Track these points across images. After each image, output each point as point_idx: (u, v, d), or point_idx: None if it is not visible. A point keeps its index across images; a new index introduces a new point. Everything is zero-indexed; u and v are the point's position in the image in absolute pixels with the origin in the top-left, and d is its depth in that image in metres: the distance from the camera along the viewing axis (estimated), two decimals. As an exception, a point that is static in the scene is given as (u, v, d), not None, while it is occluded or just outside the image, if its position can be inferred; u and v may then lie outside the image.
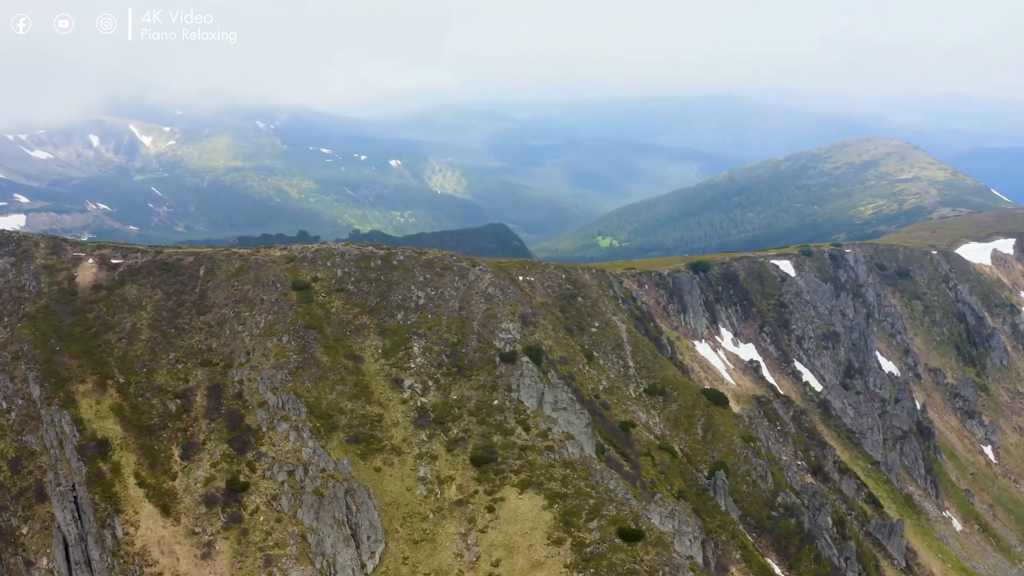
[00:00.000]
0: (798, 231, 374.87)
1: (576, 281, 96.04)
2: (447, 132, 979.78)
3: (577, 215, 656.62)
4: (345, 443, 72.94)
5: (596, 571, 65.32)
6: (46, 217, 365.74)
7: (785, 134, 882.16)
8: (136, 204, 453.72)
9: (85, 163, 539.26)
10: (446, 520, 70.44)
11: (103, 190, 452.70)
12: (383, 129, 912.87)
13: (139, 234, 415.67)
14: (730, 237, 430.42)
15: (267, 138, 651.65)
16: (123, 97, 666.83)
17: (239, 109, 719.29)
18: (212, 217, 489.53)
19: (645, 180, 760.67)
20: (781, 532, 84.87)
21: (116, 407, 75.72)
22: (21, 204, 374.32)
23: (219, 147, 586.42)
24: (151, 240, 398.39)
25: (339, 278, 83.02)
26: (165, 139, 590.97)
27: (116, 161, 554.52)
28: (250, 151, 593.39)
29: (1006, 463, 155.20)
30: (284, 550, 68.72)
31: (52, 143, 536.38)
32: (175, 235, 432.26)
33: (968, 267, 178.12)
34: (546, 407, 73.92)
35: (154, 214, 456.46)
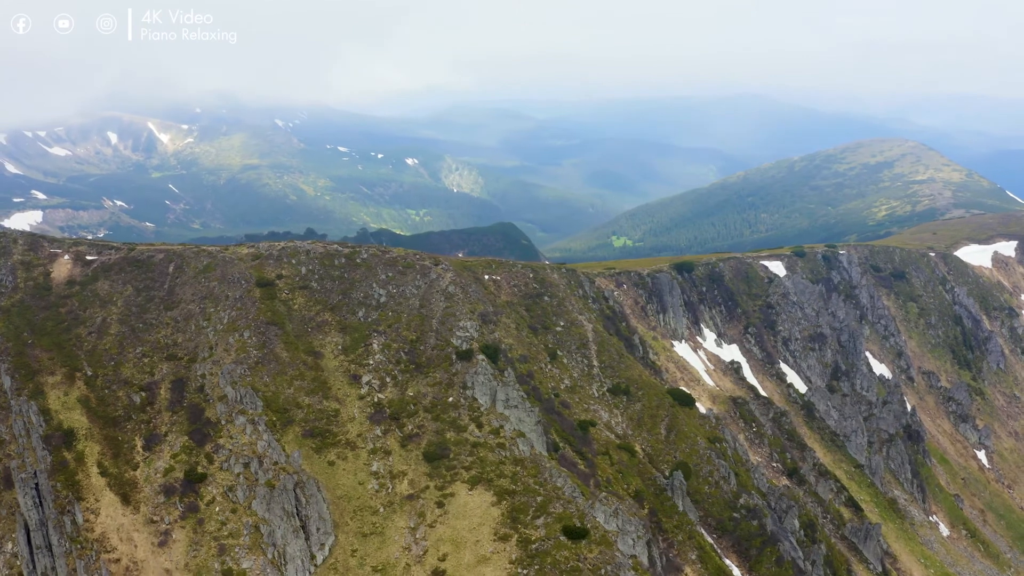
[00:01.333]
0: (810, 232, 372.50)
1: (544, 280, 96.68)
2: (465, 131, 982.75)
3: (593, 215, 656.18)
4: (301, 437, 74.27)
5: (540, 568, 66.13)
6: (63, 214, 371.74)
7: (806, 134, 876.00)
8: (153, 201, 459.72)
9: (103, 160, 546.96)
10: (396, 514, 71.52)
11: (120, 187, 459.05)
12: (401, 128, 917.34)
13: (155, 231, 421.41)
14: (743, 238, 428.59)
15: (284, 136, 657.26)
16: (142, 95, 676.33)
17: (258, 108, 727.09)
18: (228, 214, 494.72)
19: (663, 180, 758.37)
20: (742, 534, 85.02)
21: (83, 399, 77.59)
22: (38, 200, 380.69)
23: (236, 145, 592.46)
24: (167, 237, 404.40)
25: (303, 276, 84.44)
26: (183, 137, 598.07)
27: (134, 158, 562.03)
28: (267, 149, 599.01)
29: (999, 468, 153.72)
30: (238, 540, 70.16)
31: (71, 140, 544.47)
32: (191, 232, 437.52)
33: (967, 269, 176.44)
34: (499, 405, 74.81)
35: (171, 211, 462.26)
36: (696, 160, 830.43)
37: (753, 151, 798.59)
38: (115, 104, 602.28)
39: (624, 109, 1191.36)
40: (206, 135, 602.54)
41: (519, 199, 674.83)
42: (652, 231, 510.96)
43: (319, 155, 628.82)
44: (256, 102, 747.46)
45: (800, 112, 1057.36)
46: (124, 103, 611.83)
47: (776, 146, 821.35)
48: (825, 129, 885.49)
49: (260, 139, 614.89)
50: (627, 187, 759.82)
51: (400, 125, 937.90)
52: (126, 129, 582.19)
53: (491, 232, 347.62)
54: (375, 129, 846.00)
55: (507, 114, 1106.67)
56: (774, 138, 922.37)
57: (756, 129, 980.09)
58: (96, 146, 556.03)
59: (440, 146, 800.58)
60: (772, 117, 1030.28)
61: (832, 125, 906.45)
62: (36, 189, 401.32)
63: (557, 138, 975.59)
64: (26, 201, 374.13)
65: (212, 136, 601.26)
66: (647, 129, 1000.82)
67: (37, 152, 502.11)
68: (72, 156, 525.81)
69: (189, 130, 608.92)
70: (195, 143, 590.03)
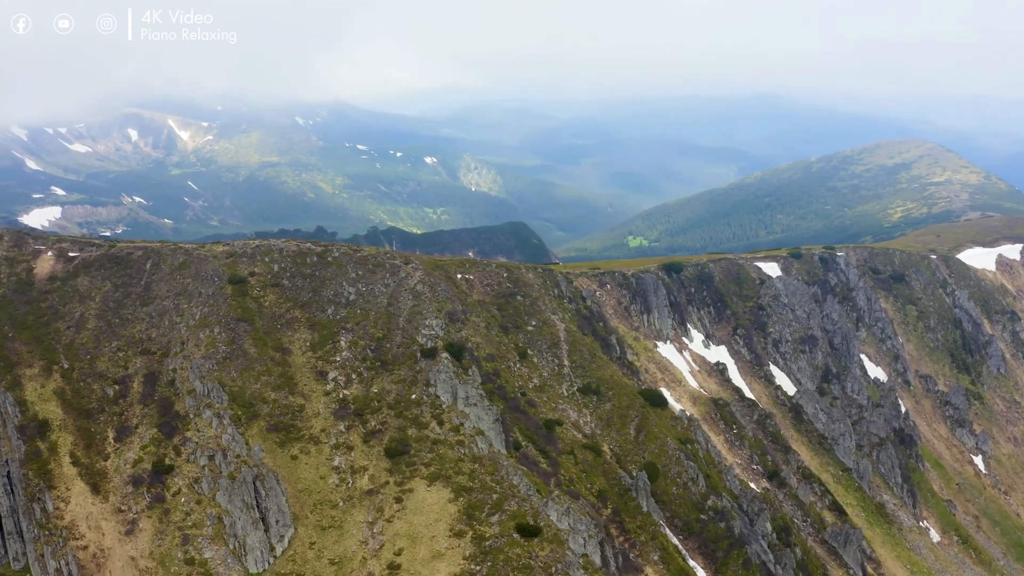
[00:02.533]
0: (825, 233, 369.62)
1: (517, 280, 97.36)
2: (486, 130, 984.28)
3: (612, 215, 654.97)
4: (265, 431, 75.71)
5: (493, 564, 67.07)
6: (81, 210, 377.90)
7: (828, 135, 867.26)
8: (171, 198, 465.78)
9: (123, 157, 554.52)
10: (355, 509, 72.73)
11: (139, 184, 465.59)
12: (422, 126, 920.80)
13: (173, 227, 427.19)
14: (758, 239, 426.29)
15: (303, 134, 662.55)
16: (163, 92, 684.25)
17: (278, 105, 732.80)
18: (246, 211, 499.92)
19: (683, 180, 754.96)
20: (709, 535, 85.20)
21: (59, 391, 79.63)
22: (57, 196, 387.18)
23: (255, 142, 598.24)
24: (184, 234, 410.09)
25: (275, 273, 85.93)
26: (202, 134, 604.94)
27: (154, 155, 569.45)
28: (286, 146, 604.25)
29: (997, 474, 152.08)
30: (201, 530, 71.81)
31: (91, 137, 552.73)
32: (208, 229, 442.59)
33: (969, 272, 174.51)
34: (459, 403, 75.76)
35: (189, 208, 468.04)
36: (717, 160, 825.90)
37: (775, 152, 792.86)
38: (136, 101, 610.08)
39: (646, 109, 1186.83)
40: (225, 132, 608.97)
41: (537, 198, 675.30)
42: (668, 231, 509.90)
43: (338, 153, 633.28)
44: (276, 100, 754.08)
45: (823, 113, 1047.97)
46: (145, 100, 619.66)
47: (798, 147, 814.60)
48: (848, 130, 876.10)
49: (279, 137, 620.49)
50: (646, 187, 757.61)
51: (420, 124, 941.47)
52: (146, 126, 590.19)
53: (502, 231, 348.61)
54: (395, 127, 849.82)
55: (528, 113, 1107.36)
56: (796, 139, 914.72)
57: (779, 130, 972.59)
58: (116, 143, 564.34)
59: (460, 145, 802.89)
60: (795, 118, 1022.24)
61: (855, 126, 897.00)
62: (56, 185, 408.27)
63: (578, 137, 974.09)
64: (45, 197, 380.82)
65: (231, 133, 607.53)
66: (669, 129, 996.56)
67: (58, 149, 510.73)
68: (93, 153, 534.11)
69: (209, 127, 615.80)
70: (214, 140, 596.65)
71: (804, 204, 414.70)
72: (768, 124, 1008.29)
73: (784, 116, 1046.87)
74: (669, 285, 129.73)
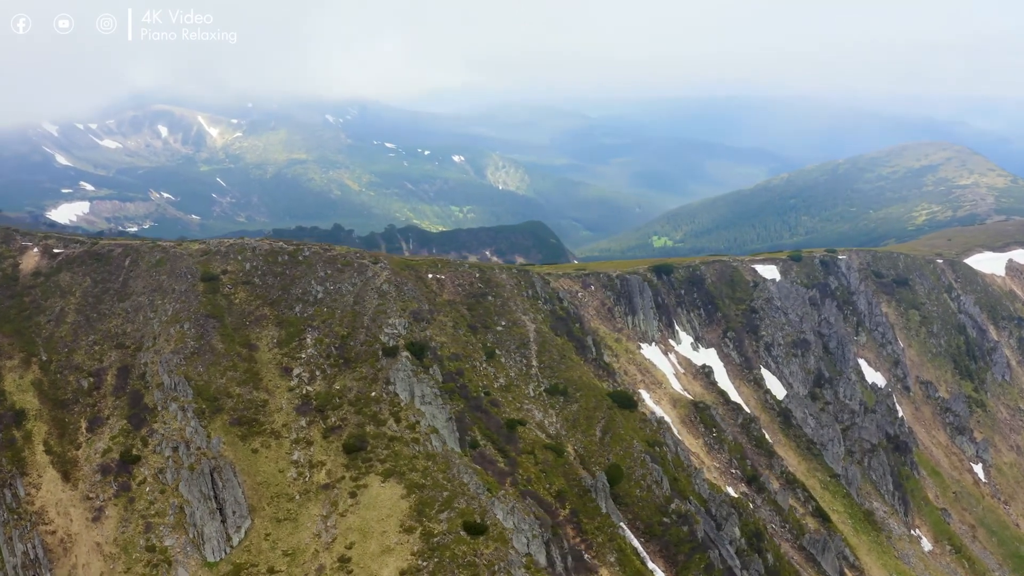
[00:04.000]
0: (849, 236, 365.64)
1: (490, 280, 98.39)
2: (516, 128, 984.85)
3: (640, 215, 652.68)
4: (228, 425, 77.77)
5: (439, 561, 68.37)
6: (109, 205, 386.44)
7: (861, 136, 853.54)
8: (199, 194, 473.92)
9: (153, 153, 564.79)
10: (311, 502, 74.50)
11: (168, 180, 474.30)
12: (452, 124, 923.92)
13: (200, 223, 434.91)
14: (782, 240, 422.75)
15: (332, 132, 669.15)
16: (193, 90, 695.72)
17: (309, 103, 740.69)
18: (273, 208, 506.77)
19: (711, 181, 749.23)
20: (671, 539, 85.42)
21: (37, 382, 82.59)
22: (86, 192, 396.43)
23: (284, 140, 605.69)
24: (211, 230, 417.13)
25: (247, 271, 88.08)
26: (232, 131, 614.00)
27: (183, 152, 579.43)
28: (314, 144, 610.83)
29: (997, 483, 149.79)
30: (163, 519, 74.13)
31: (121, 133, 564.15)
32: (235, 225, 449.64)
33: (976, 277, 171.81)
34: (416, 401, 77.19)
35: (216, 204, 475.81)
36: (747, 161, 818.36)
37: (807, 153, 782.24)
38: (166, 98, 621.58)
39: (678, 108, 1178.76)
40: (254, 129, 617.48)
41: (565, 197, 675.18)
42: (693, 232, 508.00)
43: (366, 151, 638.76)
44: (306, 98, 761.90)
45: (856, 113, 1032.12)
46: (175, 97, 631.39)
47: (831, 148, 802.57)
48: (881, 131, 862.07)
49: (308, 134, 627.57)
50: (675, 187, 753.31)
51: (450, 122, 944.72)
52: (176, 123, 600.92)
53: (520, 230, 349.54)
54: (425, 126, 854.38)
55: (559, 112, 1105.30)
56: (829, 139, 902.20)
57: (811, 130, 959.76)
58: (147, 139, 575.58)
59: (489, 143, 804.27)
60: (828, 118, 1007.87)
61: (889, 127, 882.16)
62: (85, 180, 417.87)
63: (609, 136, 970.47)
64: (74, 192, 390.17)
65: (260, 130, 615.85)
66: (700, 128, 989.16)
67: (88, 144, 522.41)
68: (123, 148, 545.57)
69: (238, 124, 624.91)
70: (243, 137, 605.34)
71: (829, 206, 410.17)
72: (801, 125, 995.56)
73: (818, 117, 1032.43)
74: (657, 287, 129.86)
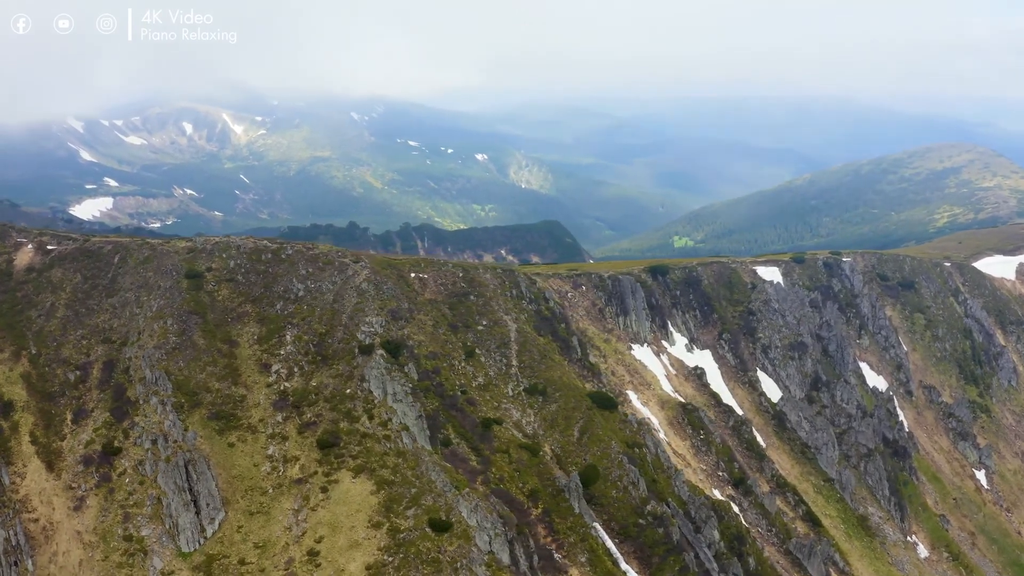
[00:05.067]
0: (869, 238, 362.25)
1: (472, 280, 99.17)
2: (541, 127, 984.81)
3: (663, 214, 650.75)
4: (206, 419, 79.46)
5: (405, 557, 69.52)
6: (133, 201, 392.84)
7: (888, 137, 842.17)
8: (222, 191, 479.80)
9: (178, 149, 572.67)
10: (283, 496, 75.93)
11: (192, 176, 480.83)
12: (477, 123, 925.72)
13: (222, 220, 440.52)
14: (803, 242, 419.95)
15: (356, 129, 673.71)
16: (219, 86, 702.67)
17: (335, 101, 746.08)
18: (296, 205, 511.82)
19: (736, 181, 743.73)
20: (646, 540, 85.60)
21: (25, 374, 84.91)
22: (110, 188, 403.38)
23: (307, 137, 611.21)
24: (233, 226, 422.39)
25: (231, 269, 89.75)
26: (256, 128, 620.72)
27: (208, 149, 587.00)
28: (337, 142, 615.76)
29: (999, 490, 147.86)
30: (141, 509, 75.97)
31: (146, 129, 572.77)
32: (256, 221, 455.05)
33: (984, 281, 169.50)
34: (388, 398, 78.34)
35: (239, 201, 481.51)
36: (773, 162, 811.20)
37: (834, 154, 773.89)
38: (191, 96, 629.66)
39: (705, 108, 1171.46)
40: (278, 127, 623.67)
41: (588, 197, 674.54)
42: (714, 232, 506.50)
43: (389, 149, 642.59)
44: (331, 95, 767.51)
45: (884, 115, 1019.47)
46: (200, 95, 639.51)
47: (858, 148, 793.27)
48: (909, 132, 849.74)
49: (331, 132, 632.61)
50: (700, 187, 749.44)
51: (475, 120, 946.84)
52: (201, 120, 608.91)
53: (536, 230, 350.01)
54: (450, 124, 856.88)
55: (585, 111, 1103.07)
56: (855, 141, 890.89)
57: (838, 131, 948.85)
58: (171, 136, 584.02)
59: (514, 141, 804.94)
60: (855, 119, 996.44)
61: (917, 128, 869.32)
62: (109, 176, 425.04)
63: (635, 136, 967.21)
64: (98, 188, 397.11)
65: (284, 128, 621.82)
66: (726, 128, 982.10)
67: (113, 140, 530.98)
68: (148, 145, 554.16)
69: (262, 122, 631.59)
70: (267, 134, 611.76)
71: (851, 208, 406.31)
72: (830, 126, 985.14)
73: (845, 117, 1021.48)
74: (652, 288, 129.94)
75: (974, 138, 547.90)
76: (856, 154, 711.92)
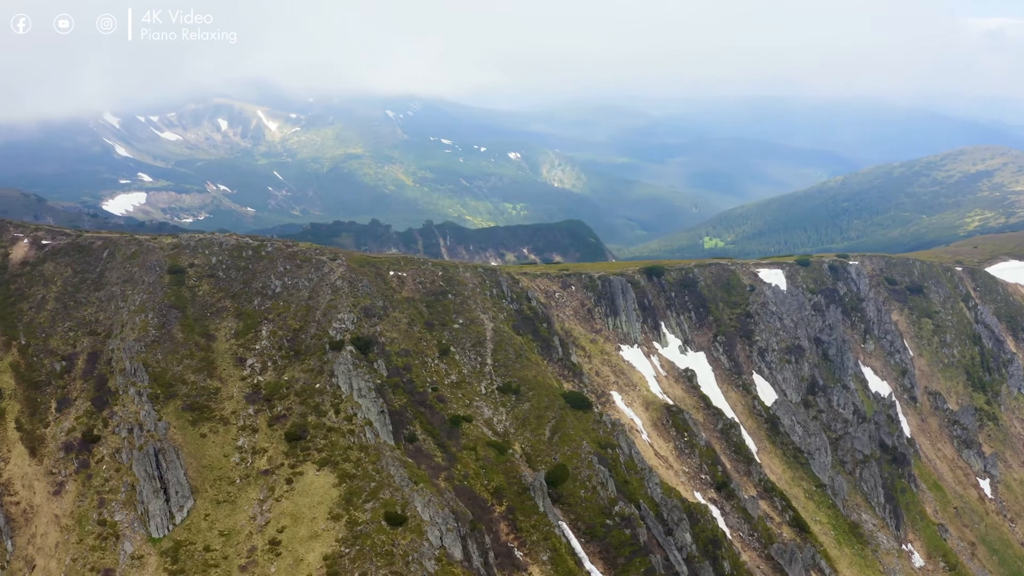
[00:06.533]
0: (900, 241, 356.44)
1: (451, 279, 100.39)
2: (578, 126, 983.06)
3: (696, 215, 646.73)
4: (180, 410, 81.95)
5: (360, 548, 71.20)
6: (166, 196, 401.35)
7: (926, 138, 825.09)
8: (256, 187, 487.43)
9: (212, 146, 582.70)
10: (250, 486, 78.06)
11: (225, 172, 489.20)
12: (512, 121, 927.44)
13: (254, 216, 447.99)
14: (832, 244, 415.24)
15: (389, 127, 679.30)
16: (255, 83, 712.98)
17: (369, 98, 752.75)
18: (327, 202, 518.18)
19: (771, 182, 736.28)
20: (612, 541, 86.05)
21: (14, 364, 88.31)
22: (144, 183, 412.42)
23: (341, 134, 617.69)
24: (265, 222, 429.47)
25: (212, 265, 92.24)
26: (290, 125, 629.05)
27: (242, 145, 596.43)
28: (371, 139, 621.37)
29: (1004, 500, 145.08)
30: (116, 495, 78.72)
31: (182, 125, 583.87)
32: (288, 218, 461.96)
33: (996, 286, 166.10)
34: (355, 393, 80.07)
35: (272, 197, 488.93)
36: (809, 163, 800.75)
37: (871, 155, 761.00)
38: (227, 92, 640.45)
39: (742, 108, 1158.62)
40: (312, 124, 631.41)
41: (620, 196, 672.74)
42: (745, 233, 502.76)
43: (422, 147, 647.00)
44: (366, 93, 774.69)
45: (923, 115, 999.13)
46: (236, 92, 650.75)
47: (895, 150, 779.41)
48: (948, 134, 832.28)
49: (365, 129, 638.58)
50: (733, 188, 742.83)
51: (510, 119, 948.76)
52: (236, 116, 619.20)
53: (559, 229, 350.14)
54: (484, 122, 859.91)
55: (621, 111, 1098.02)
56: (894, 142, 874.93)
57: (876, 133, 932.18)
58: (206, 132, 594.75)
59: (547, 140, 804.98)
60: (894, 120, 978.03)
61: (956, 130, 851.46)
62: (143, 172, 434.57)
63: (670, 136, 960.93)
64: (132, 183, 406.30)
65: (318, 125, 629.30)
66: (763, 129, 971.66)
67: (148, 136, 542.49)
68: (183, 141, 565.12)
69: (297, 119, 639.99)
70: (301, 131, 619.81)
71: (881, 210, 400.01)
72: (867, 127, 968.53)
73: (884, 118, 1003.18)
74: (645, 289, 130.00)
75: (1012, 141, 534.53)
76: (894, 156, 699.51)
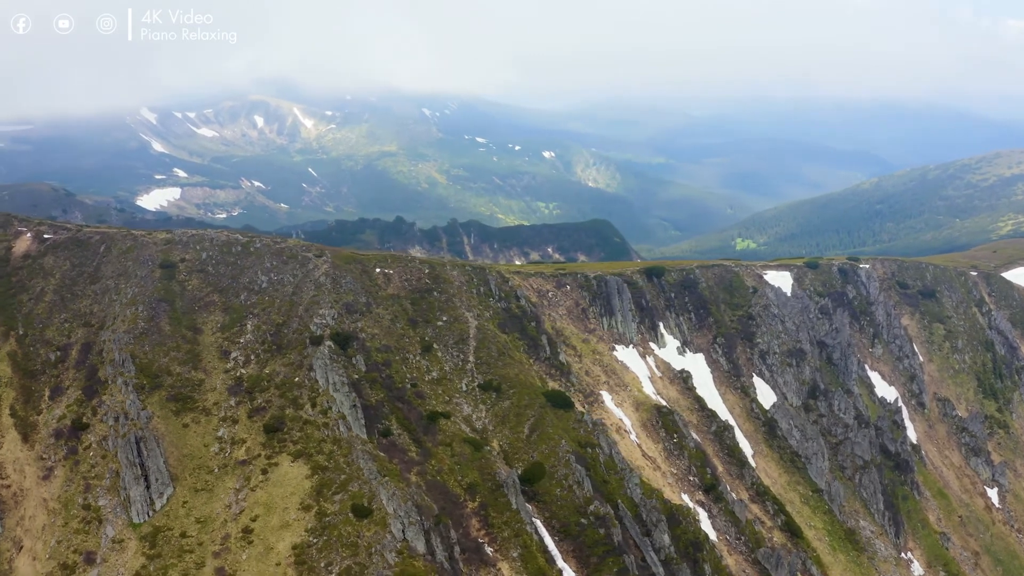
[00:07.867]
0: (932, 245, 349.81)
1: (438, 277, 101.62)
2: (616, 126, 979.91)
3: (731, 215, 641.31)
4: (165, 400, 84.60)
5: (327, 539, 73.12)
6: (200, 192, 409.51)
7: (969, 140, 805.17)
8: (290, 183, 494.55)
9: (248, 142, 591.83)
10: (227, 476, 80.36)
11: (260, 169, 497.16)
12: (549, 120, 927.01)
13: (288, 212, 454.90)
14: (864, 247, 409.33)
15: (424, 125, 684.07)
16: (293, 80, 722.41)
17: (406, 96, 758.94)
18: (361, 199, 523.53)
19: (808, 183, 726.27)
20: (586, 540, 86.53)
21: (12, 353, 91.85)
22: (179, 178, 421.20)
23: (376, 132, 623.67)
24: (297, 218, 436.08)
25: (203, 260, 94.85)
26: (325, 123, 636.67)
27: (278, 142, 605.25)
28: (405, 137, 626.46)
29: (1012, 509, 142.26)
30: (101, 481, 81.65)
31: (218, 122, 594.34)
32: (322, 214, 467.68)
33: (1013, 292, 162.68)
34: (330, 387, 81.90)
35: (306, 194, 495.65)
36: (847, 164, 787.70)
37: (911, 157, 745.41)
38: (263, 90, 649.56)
39: (781, 108, 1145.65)
40: (348, 121, 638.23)
41: (654, 196, 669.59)
42: (777, 236, 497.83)
43: (456, 145, 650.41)
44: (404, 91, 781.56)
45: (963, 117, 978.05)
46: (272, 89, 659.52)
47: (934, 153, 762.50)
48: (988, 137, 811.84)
49: (400, 127, 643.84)
50: (769, 189, 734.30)
51: (547, 118, 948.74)
52: (272, 113, 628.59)
53: (584, 228, 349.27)
54: (521, 121, 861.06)
55: (661, 111, 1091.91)
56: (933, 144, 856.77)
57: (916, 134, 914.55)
58: (243, 129, 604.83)
59: (583, 139, 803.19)
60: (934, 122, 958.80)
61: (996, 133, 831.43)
62: (179, 167, 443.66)
63: (709, 136, 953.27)
64: (167, 179, 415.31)
65: (353, 123, 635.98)
66: (802, 130, 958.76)
67: (185, 132, 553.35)
68: (219, 137, 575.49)
69: (332, 116, 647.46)
70: (336, 129, 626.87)
71: (916, 213, 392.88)
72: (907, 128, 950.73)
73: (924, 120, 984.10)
74: (644, 289, 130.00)
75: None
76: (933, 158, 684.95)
